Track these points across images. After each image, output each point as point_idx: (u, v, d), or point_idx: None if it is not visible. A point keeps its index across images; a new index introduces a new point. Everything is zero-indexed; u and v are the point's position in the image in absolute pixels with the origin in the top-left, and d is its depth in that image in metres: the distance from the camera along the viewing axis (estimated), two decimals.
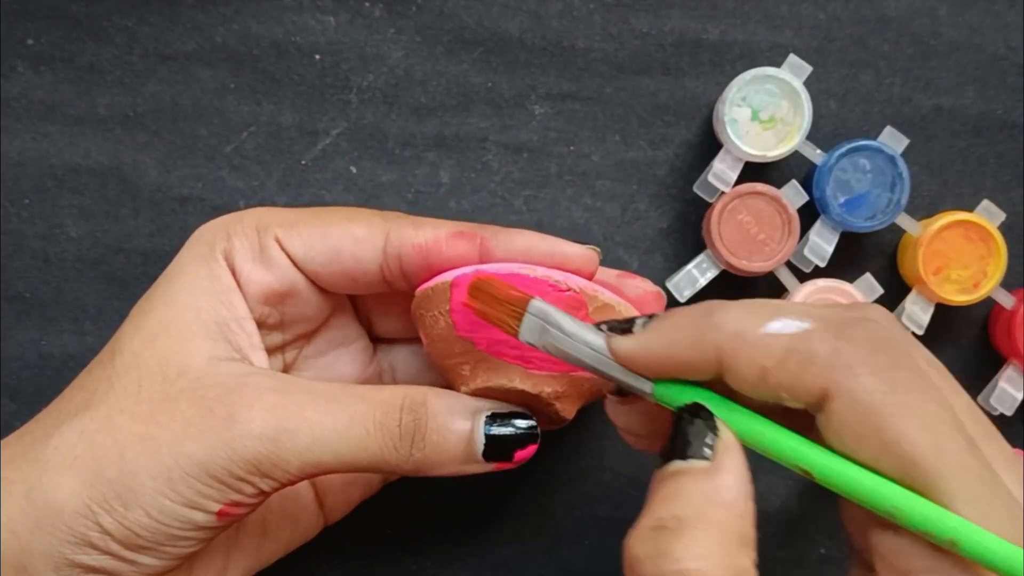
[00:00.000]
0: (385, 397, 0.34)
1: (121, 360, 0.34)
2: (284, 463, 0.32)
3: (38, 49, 0.44)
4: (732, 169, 0.42)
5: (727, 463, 0.28)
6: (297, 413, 0.32)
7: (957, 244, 0.42)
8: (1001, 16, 0.44)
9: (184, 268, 0.36)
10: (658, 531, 0.27)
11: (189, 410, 0.32)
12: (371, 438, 0.33)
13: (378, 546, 0.45)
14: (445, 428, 0.34)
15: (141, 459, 0.32)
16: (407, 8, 0.44)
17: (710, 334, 0.28)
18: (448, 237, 0.36)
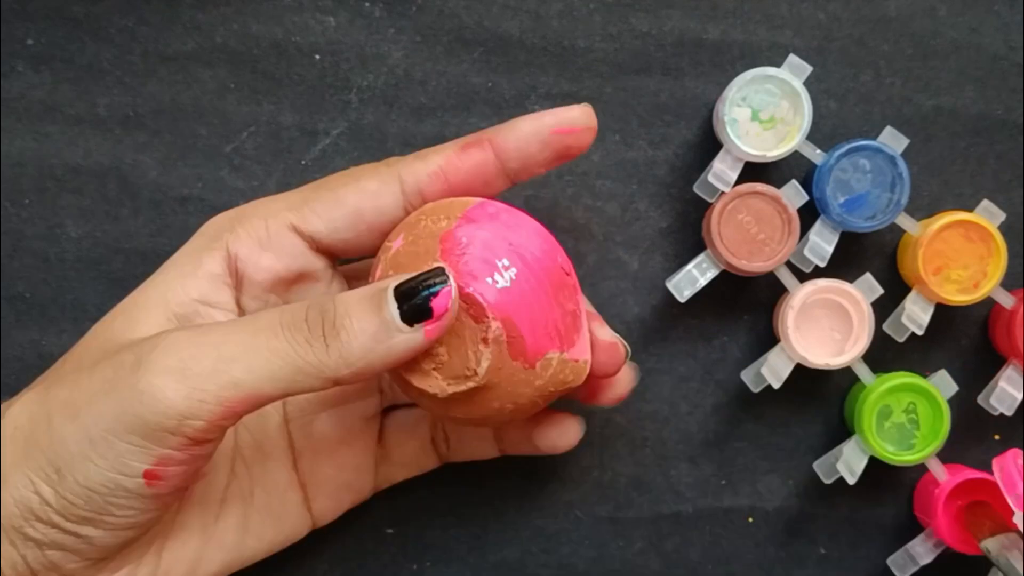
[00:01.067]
0: (291, 305, 0.33)
1: (83, 342, 0.35)
2: (197, 392, 0.31)
3: (38, 49, 0.44)
4: (732, 169, 0.42)
5: None
6: (200, 339, 0.31)
7: (957, 244, 0.42)
8: (1001, 16, 0.44)
9: (177, 259, 0.36)
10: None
11: (108, 370, 0.32)
12: (279, 339, 0.31)
13: (378, 546, 0.45)
14: (353, 309, 0.32)
15: (65, 424, 0.31)
16: (407, 8, 0.44)
17: None
18: (458, 152, 0.36)
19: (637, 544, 0.45)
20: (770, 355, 0.42)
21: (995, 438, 0.45)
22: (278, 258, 0.36)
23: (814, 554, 0.45)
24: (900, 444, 0.42)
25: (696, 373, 0.45)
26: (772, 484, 0.45)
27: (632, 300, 0.44)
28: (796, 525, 0.45)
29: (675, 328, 0.45)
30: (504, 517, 0.45)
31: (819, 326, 0.43)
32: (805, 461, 0.45)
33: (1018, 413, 0.44)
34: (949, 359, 0.45)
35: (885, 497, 0.45)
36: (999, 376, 0.43)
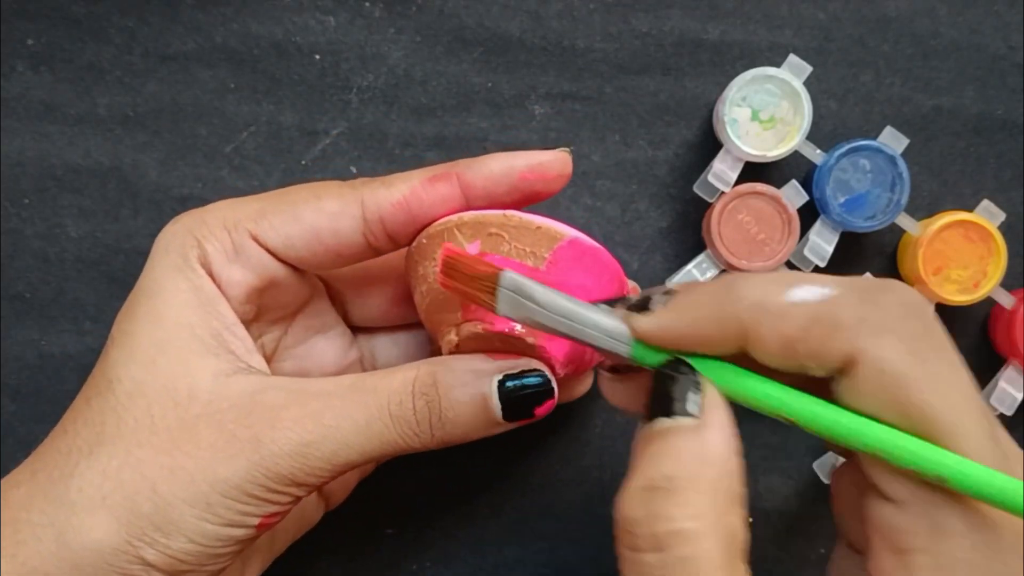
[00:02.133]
0: (396, 386, 0.33)
1: (123, 389, 0.33)
2: (316, 471, 0.33)
3: (38, 49, 0.44)
4: (732, 169, 0.42)
5: (714, 419, 0.28)
6: (316, 424, 0.33)
7: (957, 244, 0.42)
8: (1001, 16, 0.44)
9: (162, 282, 0.34)
10: (651, 491, 0.27)
11: (211, 435, 0.32)
12: (390, 430, 0.33)
13: (378, 546, 0.45)
14: (459, 403, 0.33)
15: (176, 490, 0.32)
16: (407, 8, 0.44)
17: (731, 307, 0.28)
18: (424, 184, 0.35)
19: None
20: None
21: None
22: (247, 269, 0.35)
23: (814, 554, 0.45)
24: None
25: None
26: (772, 484, 0.45)
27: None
28: (796, 525, 0.45)
29: None
30: (504, 517, 0.45)
31: None
32: (805, 461, 0.45)
33: (1018, 413, 0.44)
34: None
35: None
36: (999, 376, 0.43)
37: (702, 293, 0.29)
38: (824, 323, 0.27)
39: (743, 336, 0.28)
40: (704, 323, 0.28)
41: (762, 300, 0.27)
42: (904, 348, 0.26)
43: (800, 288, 0.27)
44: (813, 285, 0.27)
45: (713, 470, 0.27)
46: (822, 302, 0.27)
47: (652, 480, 0.27)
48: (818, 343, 0.27)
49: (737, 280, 0.28)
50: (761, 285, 0.28)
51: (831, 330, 0.26)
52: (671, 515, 0.27)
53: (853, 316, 0.26)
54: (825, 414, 0.27)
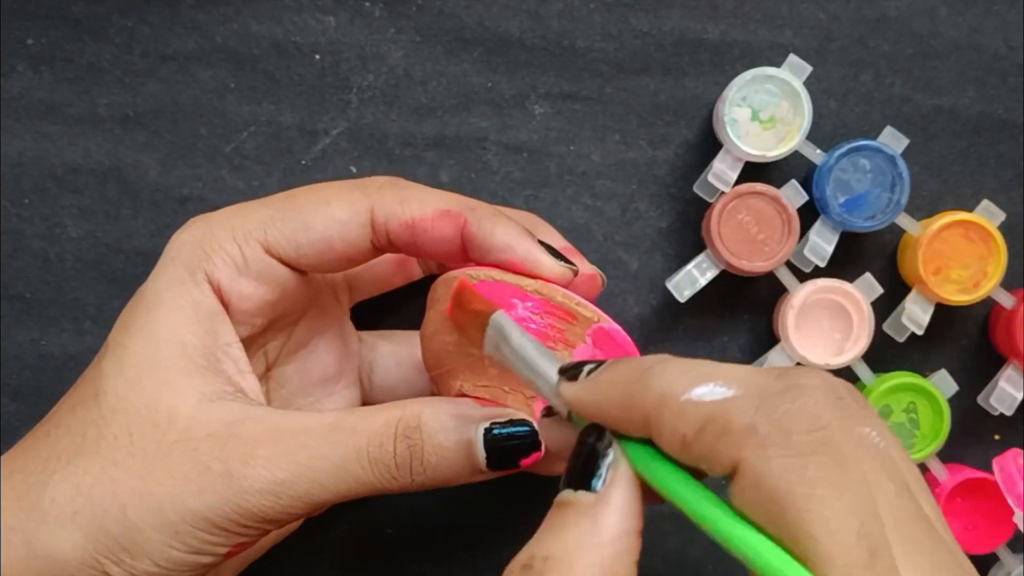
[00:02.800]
0: (377, 428, 0.33)
1: (107, 403, 0.33)
2: (287, 508, 0.32)
3: (38, 49, 0.44)
4: (732, 169, 0.42)
5: (613, 497, 0.27)
6: (291, 462, 0.32)
7: (957, 244, 0.42)
8: (1001, 16, 0.44)
9: (163, 296, 0.34)
10: (526, 570, 0.27)
11: (185, 465, 0.32)
12: (367, 473, 0.33)
13: (378, 546, 0.45)
14: (443, 448, 0.33)
15: (144, 515, 0.32)
16: (407, 8, 0.44)
17: (639, 397, 0.27)
18: (435, 218, 0.35)
19: None
20: (770, 355, 0.42)
21: (995, 438, 0.45)
22: (258, 282, 0.35)
23: None
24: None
25: None
26: None
27: (632, 300, 0.44)
28: None
29: (675, 328, 0.45)
30: (504, 517, 0.45)
31: (819, 326, 0.43)
32: None
33: (1018, 413, 0.43)
34: (949, 359, 0.45)
35: None
36: (999, 376, 0.43)
37: (619, 373, 0.28)
38: (716, 426, 0.25)
39: (648, 426, 0.27)
40: (613, 405, 0.27)
41: (665, 394, 0.26)
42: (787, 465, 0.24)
43: (702, 386, 0.26)
44: (716, 383, 0.26)
45: (595, 553, 0.26)
46: (717, 403, 0.26)
47: (530, 558, 0.27)
48: (708, 446, 0.25)
49: (653, 367, 0.27)
50: (670, 376, 0.26)
51: (720, 435, 0.25)
52: None
53: (743, 423, 0.25)
54: (710, 510, 0.26)
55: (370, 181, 0.36)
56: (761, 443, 0.25)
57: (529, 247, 0.35)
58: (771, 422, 0.25)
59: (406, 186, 0.36)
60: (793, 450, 0.24)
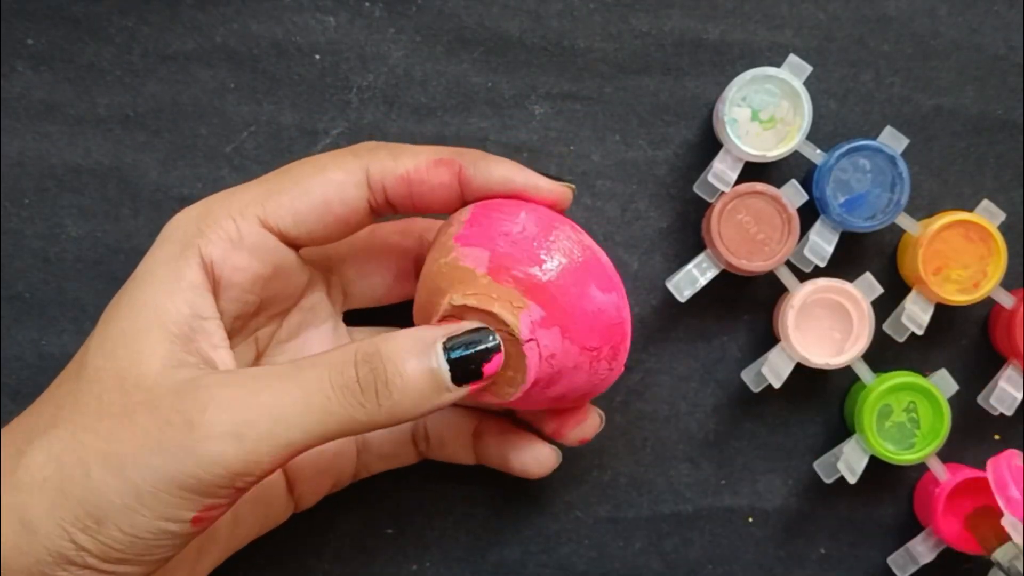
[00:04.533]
0: (336, 357, 0.33)
1: (85, 375, 0.33)
2: (253, 455, 0.31)
3: (38, 49, 0.44)
4: (732, 169, 0.42)
5: None
6: (252, 401, 0.32)
7: (957, 244, 0.42)
8: (1001, 16, 0.44)
9: (153, 270, 0.35)
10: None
11: (147, 422, 0.32)
12: (333, 402, 0.32)
13: (378, 546, 0.45)
14: (404, 368, 0.32)
15: (107, 477, 0.31)
16: (407, 8, 0.44)
17: None
18: (429, 166, 0.36)
19: (637, 544, 0.45)
20: (770, 355, 0.42)
21: (995, 438, 0.45)
22: (253, 257, 0.35)
23: (814, 554, 0.45)
24: (900, 443, 0.42)
25: (696, 373, 0.45)
26: (772, 484, 0.45)
27: (632, 300, 0.44)
28: (796, 525, 0.45)
29: (675, 328, 0.45)
30: (504, 517, 0.45)
31: (819, 326, 0.43)
32: (805, 461, 0.45)
33: (1018, 413, 0.44)
34: (949, 359, 0.45)
35: (885, 497, 0.45)
36: (999, 376, 0.43)
37: None
38: None
39: None
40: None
41: None
42: None
43: None
44: None
45: None
46: None
47: None
48: None
49: None
50: None
51: None
52: None
53: None
54: None
55: (360, 146, 0.37)
56: None
57: (527, 175, 0.37)
58: None
59: (395, 144, 0.37)
60: None
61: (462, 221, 0.36)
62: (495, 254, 0.35)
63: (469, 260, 0.35)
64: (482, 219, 0.36)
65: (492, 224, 0.36)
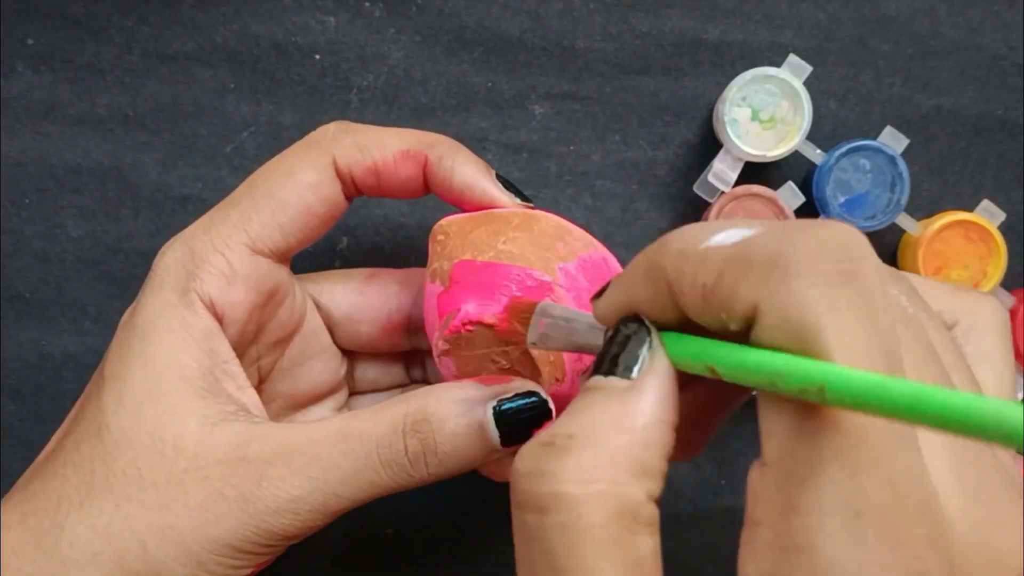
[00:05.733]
0: (384, 430, 0.33)
1: (111, 438, 0.33)
2: (307, 523, 0.33)
3: (38, 49, 0.44)
4: (732, 169, 0.42)
5: (647, 384, 0.25)
6: (304, 478, 0.32)
7: (957, 244, 0.42)
8: (1001, 16, 0.44)
9: (155, 322, 0.34)
10: (546, 447, 0.25)
11: (199, 494, 0.32)
12: (381, 476, 0.33)
13: (378, 546, 0.45)
14: (455, 435, 0.33)
15: (166, 548, 0.32)
16: (407, 8, 0.44)
17: (658, 263, 0.25)
18: (396, 159, 0.36)
19: None
20: None
21: None
22: (249, 286, 0.35)
23: None
24: None
25: None
26: None
27: None
28: None
29: None
30: (504, 517, 0.45)
31: None
32: None
33: None
34: None
35: None
36: None
37: (639, 258, 0.26)
38: (736, 266, 0.23)
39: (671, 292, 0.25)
40: (640, 291, 0.26)
41: (683, 250, 0.24)
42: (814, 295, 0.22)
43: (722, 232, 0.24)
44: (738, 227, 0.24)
45: (622, 437, 0.24)
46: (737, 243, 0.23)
47: (553, 436, 0.25)
48: (729, 290, 0.23)
49: (669, 234, 0.25)
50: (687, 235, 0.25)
51: (741, 274, 0.23)
52: (556, 474, 0.24)
53: (764, 255, 0.23)
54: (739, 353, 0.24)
55: (321, 133, 0.36)
56: (784, 274, 0.22)
57: (486, 187, 0.36)
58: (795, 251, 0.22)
59: (359, 129, 0.36)
60: (820, 279, 0.22)
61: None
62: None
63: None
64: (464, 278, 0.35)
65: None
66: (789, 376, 0.22)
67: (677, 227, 0.45)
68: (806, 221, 0.24)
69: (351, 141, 0.36)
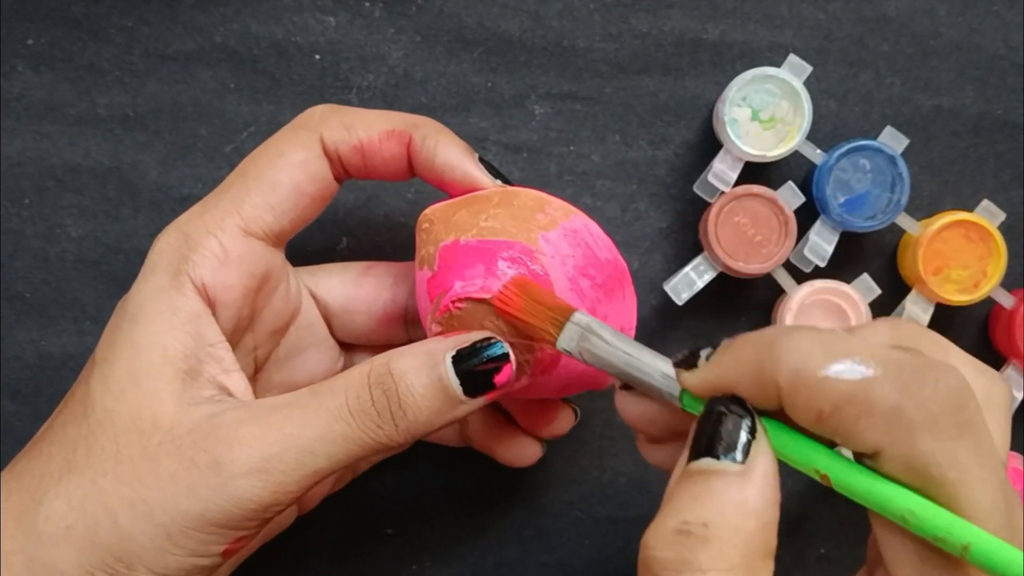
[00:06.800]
0: (351, 381, 0.33)
1: (95, 417, 0.33)
2: (282, 487, 0.32)
3: (38, 49, 0.44)
4: (732, 169, 0.42)
5: (759, 468, 0.27)
6: (275, 435, 0.32)
7: (957, 244, 0.42)
8: (1001, 16, 0.44)
9: (144, 306, 0.34)
10: (684, 536, 0.26)
11: (172, 465, 0.32)
12: (353, 427, 0.32)
13: (378, 546, 0.45)
14: (416, 386, 0.33)
15: (136, 523, 0.31)
16: (407, 8, 0.44)
17: (770, 370, 0.27)
18: (381, 138, 0.36)
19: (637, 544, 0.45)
20: None
21: None
22: (242, 269, 0.35)
23: (814, 554, 0.45)
24: None
25: None
26: None
27: None
28: (796, 525, 0.45)
29: (675, 329, 0.45)
30: (504, 517, 0.45)
31: None
32: None
33: (1018, 414, 0.43)
34: None
35: None
36: None
37: (744, 349, 0.28)
38: (857, 407, 0.26)
39: (780, 399, 0.27)
40: (744, 383, 0.28)
41: (800, 368, 0.26)
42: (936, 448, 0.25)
43: (840, 363, 0.26)
44: (855, 361, 0.26)
45: (751, 522, 0.26)
46: (858, 383, 0.26)
47: (687, 524, 0.26)
48: (849, 425, 0.26)
49: (780, 339, 0.27)
50: (803, 349, 0.26)
51: (863, 416, 0.26)
52: (701, 565, 0.26)
53: (887, 405, 0.25)
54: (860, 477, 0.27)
55: (308, 115, 0.37)
56: (909, 427, 0.25)
57: (467, 168, 0.36)
58: (917, 405, 0.25)
59: (346, 111, 0.37)
60: (942, 434, 0.25)
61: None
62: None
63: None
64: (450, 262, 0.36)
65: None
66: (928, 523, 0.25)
67: (677, 227, 0.45)
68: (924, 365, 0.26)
69: (337, 121, 0.36)
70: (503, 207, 0.35)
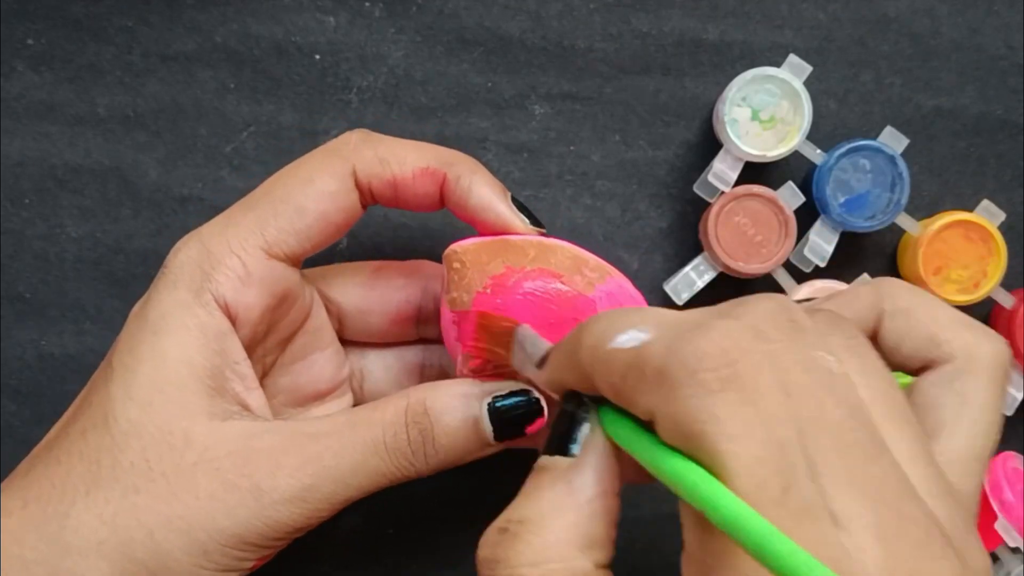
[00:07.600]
0: (388, 417, 0.34)
1: (119, 428, 0.33)
2: (314, 514, 0.34)
3: (38, 49, 0.44)
4: (732, 169, 0.42)
5: (588, 460, 0.27)
6: (315, 467, 0.33)
7: (957, 244, 0.42)
8: (1001, 16, 0.44)
9: (168, 319, 0.34)
10: (501, 534, 0.27)
11: (211, 485, 0.33)
12: (387, 463, 0.34)
13: (378, 546, 0.45)
14: (452, 427, 0.34)
15: (173, 538, 0.32)
16: (407, 8, 0.44)
17: (576, 355, 0.27)
18: (415, 175, 0.36)
19: (637, 544, 0.45)
20: None
21: None
22: (262, 289, 0.35)
23: None
24: None
25: None
26: None
27: None
28: None
29: None
30: None
31: None
32: None
33: (1017, 414, 0.43)
34: None
35: None
36: None
37: (564, 342, 0.29)
38: (635, 372, 0.25)
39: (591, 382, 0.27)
40: (564, 372, 0.28)
41: (594, 346, 0.26)
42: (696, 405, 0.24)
43: (625, 333, 0.26)
44: (637, 329, 0.25)
45: (568, 515, 0.26)
46: (636, 349, 0.25)
47: (508, 522, 0.27)
48: (630, 392, 0.25)
49: (587, 323, 0.27)
50: (597, 329, 0.26)
51: (638, 381, 0.25)
52: (510, 561, 0.26)
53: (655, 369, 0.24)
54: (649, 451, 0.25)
55: (342, 142, 0.37)
56: (672, 385, 0.24)
57: (501, 210, 0.36)
58: (679, 363, 0.24)
59: (380, 141, 0.37)
60: (702, 390, 0.24)
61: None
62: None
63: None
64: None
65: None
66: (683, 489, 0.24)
67: (677, 227, 0.45)
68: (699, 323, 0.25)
69: (372, 154, 0.36)
70: (539, 263, 0.36)
